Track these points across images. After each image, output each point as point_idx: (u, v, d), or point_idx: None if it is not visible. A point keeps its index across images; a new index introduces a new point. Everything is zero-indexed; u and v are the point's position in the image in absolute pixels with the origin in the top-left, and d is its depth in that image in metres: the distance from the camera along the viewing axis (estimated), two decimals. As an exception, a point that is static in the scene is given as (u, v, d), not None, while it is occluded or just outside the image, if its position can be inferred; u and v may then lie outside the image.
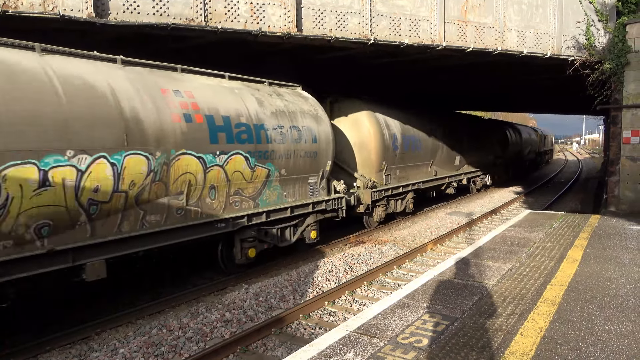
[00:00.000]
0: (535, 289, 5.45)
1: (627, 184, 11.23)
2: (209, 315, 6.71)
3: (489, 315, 4.68)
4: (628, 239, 8.15)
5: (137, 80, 6.51)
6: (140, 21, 7.05)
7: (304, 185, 9.57)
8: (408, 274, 8.95)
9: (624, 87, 11.08)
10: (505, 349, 3.90)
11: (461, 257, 7.05)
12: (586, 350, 3.87)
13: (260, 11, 8.07)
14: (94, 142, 5.70)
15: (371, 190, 11.99)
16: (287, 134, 8.87)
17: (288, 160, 8.92)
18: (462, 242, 11.60)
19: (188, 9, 7.42)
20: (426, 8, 9.58)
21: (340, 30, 8.84)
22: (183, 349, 5.82)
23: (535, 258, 6.92)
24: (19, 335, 6.04)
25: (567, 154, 73.50)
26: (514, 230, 9.20)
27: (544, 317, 4.59)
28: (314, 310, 6.95)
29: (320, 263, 9.46)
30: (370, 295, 7.75)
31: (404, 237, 12.26)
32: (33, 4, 6.26)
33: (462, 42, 10.06)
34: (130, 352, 5.67)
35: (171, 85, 6.96)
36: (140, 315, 6.80)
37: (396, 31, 9.37)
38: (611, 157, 11.77)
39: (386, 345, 4.04)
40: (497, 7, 10.37)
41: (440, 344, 4.03)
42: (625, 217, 10.42)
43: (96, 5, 6.68)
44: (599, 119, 48.23)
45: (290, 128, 8.99)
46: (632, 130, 11.06)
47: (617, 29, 11.12)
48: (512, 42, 10.63)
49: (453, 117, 19.91)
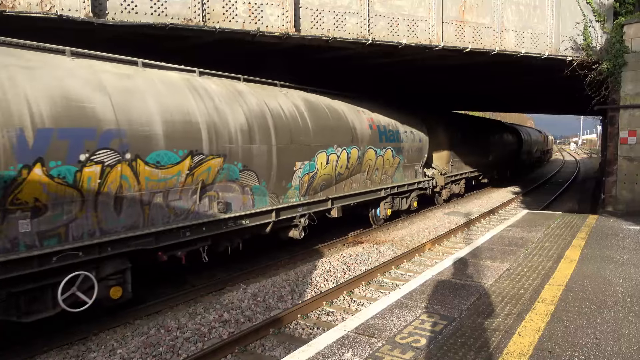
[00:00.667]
0: (533, 289, 5.46)
1: (624, 184, 11.26)
2: (207, 316, 6.70)
3: (487, 315, 4.69)
4: (625, 238, 8.18)
5: (347, 105, 11.49)
6: (138, 21, 7.03)
7: (412, 170, 14.42)
8: (406, 274, 8.96)
9: (622, 88, 11.11)
10: (503, 349, 3.90)
11: (459, 257, 7.06)
12: (584, 350, 3.88)
13: (258, 11, 8.06)
14: (340, 141, 10.51)
15: (443, 176, 16.87)
16: (408, 136, 13.72)
17: (408, 153, 13.72)
18: (460, 242, 11.62)
19: (186, 9, 7.41)
20: (424, 8, 9.59)
21: (339, 31, 8.84)
22: (181, 349, 5.81)
23: (533, 258, 6.93)
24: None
25: (564, 154, 73.68)
26: (511, 230, 9.21)
27: (541, 317, 4.60)
28: (312, 310, 6.95)
29: (319, 263, 9.46)
30: (368, 296, 7.75)
31: (402, 237, 12.27)
32: (30, 3, 6.24)
33: (460, 43, 10.07)
34: (128, 352, 5.66)
35: (360, 108, 11.96)
36: (138, 315, 6.79)
37: (394, 31, 9.37)
38: (608, 158, 11.80)
39: (384, 345, 4.04)
40: (495, 8, 10.38)
41: (439, 344, 4.03)
42: (623, 217, 10.45)
43: (94, 5, 6.66)
44: (596, 120, 48.30)
45: (409, 132, 13.85)
46: (629, 130, 11.09)
47: (614, 29, 11.14)
48: (510, 43, 10.64)
49: (483, 122, 25.70)
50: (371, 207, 12.80)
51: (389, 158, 12.66)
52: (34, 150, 5.32)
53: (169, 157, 6.78)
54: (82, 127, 5.82)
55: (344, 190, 10.96)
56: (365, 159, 11.54)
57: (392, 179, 13.13)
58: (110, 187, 6.13)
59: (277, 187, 8.94)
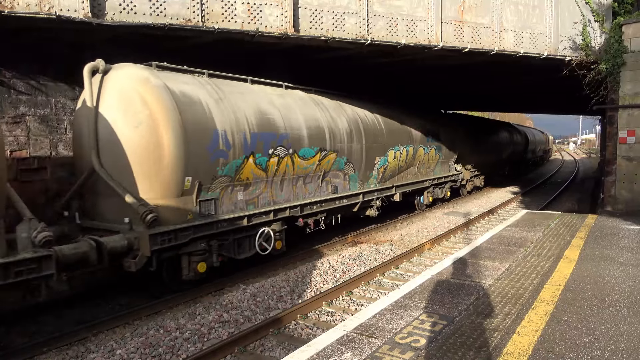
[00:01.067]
0: (533, 289, 5.46)
1: (623, 183, 11.27)
2: (207, 316, 6.70)
3: (487, 314, 4.69)
4: (624, 238, 8.18)
5: (404, 112, 14.35)
6: (137, 21, 7.03)
7: (447, 165, 17.26)
8: (405, 274, 8.96)
9: (620, 87, 11.12)
10: (503, 349, 3.90)
11: (458, 257, 7.06)
12: (583, 350, 3.89)
13: (257, 11, 8.06)
14: (402, 141, 13.47)
15: (468, 171, 19.35)
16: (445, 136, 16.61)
17: (445, 150, 16.62)
18: (459, 242, 11.62)
19: (185, 9, 7.41)
20: (423, 8, 9.59)
21: (338, 31, 8.84)
22: (180, 349, 5.81)
23: (532, 258, 6.94)
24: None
25: (564, 154, 73.72)
26: (511, 230, 9.22)
27: (541, 316, 4.60)
28: (312, 310, 6.95)
29: (318, 263, 9.46)
30: (367, 296, 7.75)
31: (402, 237, 12.27)
32: (29, 4, 6.24)
33: (459, 43, 10.07)
34: (128, 353, 5.65)
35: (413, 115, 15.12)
36: (137, 316, 6.78)
37: (393, 31, 9.37)
38: (607, 157, 11.81)
39: (384, 345, 4.04)
40: (494, 8, 10.39)
41: (438, 344, 4.03)
42: (622, 216, 10.46)
43: (93, 6, 6.66)
44: (595, 119, 48.35)
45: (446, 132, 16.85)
46: (628, 130, 11.10)
47: (613, 29, 11.15)
48: (508, 43, 10.65)
49: (497, 124, 28.28)
50: (417, 195, 15.48)
51: (432, 155, 15.72)
52: (250, 146, 8.26)
53: (309, 152, 9.78)
54: (269, 131, 8.74)
55: (402, 180, 13.97)
56: (417, 155, 14.63)
57: (433, 172, 16.18)
58: (279, 172, 9.09)
59: (364, 176, 11.95)
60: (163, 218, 6.97)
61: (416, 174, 14.94)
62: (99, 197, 7.42)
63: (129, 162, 6.93)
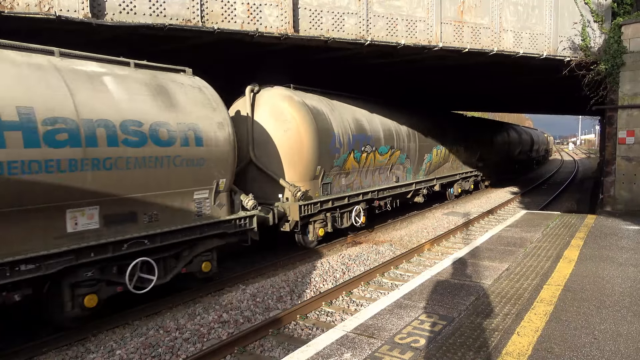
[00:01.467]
0: (532, 289, 5.47)
1: (622, 183, 11.28)
2: (206, 316, 6.70)
3: (486, 315, 4.69)
4: (624, 238, 8.19)
5: (442, 117, 18.33)
6: (136, 22, 7.02)
7: (471, 162, 19.94)
8: (405, 274, 8.96)
9: (620, 88, 11.13)
10: (502, 349, 3.91)
11: (458, 257, 7.06)
12: (582, 350, 3.89)
13: (257, 12, 8.06)
14: (442, 142, 16.62)
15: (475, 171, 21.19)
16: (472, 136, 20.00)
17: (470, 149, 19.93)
18: (459, 242, 11.63)
19: (185, 9, 7.41)
20: (423, 9, 9.59)
21: (337, 31, 8.85)
22: (180, 350, 5.81)
23: (531, 258, 6.94)
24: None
25: (563, 154, 73.72)
26: (510, 230, 9.22)
27: (540, 316, 4.61)
28: (312, 310, 6.95)
29: (318, 263, 9.46)
30: (367, 296, 7.75)
31: (401, 237, 12.28)
32: (29, 4, 6.24)
33: (458, 43, 10.08)
34: (127, 353, 5.65)
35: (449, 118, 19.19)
36: (137, 316, 6.78)
37: (393, 32, 9.38)
38: (607, 157, 11.82)
39: (383, 345, 4.05)
40: (494, 8, 10.40)
41: (438, 344, 4.04)
42: (621, 216, 10.47)
43: (92, 6, 6.66)
44: (594, 120, 48.38)
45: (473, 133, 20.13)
46: (627, 130, 11.11)
47: (612, 29, 11.16)
48: (508, 43, 10.66)
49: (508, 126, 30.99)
50: (448, 187, 18.21)
51: (462, 153, 18.66)
52: (351, 144, 11.07)
53: (384, 150, 12.64)
54: (361, 133, 11.56)
55: (440, 173, 16.81)
56: (451, 153, 17.55)
57: (462, 168, 19.08)
58: (366, 164, 11.90)
59: (416, 169, 14.93)
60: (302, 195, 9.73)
61: (450, 169, 17.89)
62: (251, 181, 9.97)
63: (280, 155, 9.67)
